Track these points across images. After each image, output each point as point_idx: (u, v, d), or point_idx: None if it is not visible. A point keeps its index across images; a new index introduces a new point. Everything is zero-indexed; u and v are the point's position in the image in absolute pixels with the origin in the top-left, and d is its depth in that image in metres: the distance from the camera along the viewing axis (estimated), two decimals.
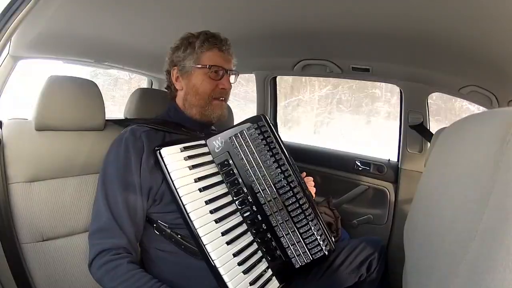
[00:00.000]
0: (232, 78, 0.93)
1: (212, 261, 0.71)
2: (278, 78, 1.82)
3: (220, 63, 0.88)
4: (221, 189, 0.79)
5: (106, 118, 1.00)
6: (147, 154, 0.78)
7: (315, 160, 1.71)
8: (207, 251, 0.71)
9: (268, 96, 1.80)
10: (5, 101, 1.21)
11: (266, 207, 0.79)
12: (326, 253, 0.80)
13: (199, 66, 0.87)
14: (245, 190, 0.79)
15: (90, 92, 0.96)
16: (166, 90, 0.97)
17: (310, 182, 0.95)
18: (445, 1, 0.77)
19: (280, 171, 0.80)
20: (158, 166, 0.76)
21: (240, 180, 0.80)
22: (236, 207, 0.79)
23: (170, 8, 1.05)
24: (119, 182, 0.75)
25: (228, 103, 0.96)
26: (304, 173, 0.96)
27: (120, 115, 1.25)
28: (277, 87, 1.84)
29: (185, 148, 0.77)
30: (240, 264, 0.74)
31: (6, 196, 0.80)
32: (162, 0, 1.00)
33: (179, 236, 0.78)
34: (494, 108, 1.15)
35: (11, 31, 0.64)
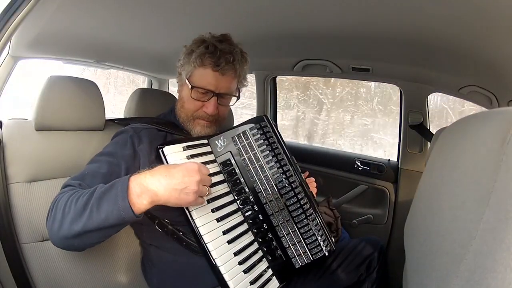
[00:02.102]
0: (233, 99, 0.89)
1: (213, 260, 0.71)
2: None
3: (208, 85, 0.81)
4: (223, 188, 0.79)
5: (106, 118, 1.00)
6: (147, 150, 0.78)
7: (315, 160, 1.71)
8: (208, 250, 0.71)
9: (268, 96, 1.80)
10: (5, 101, 1.21)
11: (268, 207, 0.79)
12: (326, 253, 0.80)
13: (188, 81, 0.84)
14: (246, 189, 0.80)
15: (90, 92, 0.96)
16: (166, 90, 0.97)
17: (312, 183, 0.96)
18: (445, 2, 0.77)
19: (282, 171, 0.80)
20: (160, 164, 0.76)
21: (242, 179, 0.80)
22: (237, 207, 0.79)
23: (169, 8, 1.05)
24: (110, 153, 0.76)
25: None
26: (307, 173, 0.96)
27: None
28: None
29: (188, 147, 0.77)
30: (240, 263, 0.74)
31: (6, 196, 0.80)
32: (162, 1, 1.00)
33: (181, 233, 0.79)
34: (494, 108, 1.15)
35: (11, 31, 0.64)
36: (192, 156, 0.78)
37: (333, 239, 0.86)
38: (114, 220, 0.60)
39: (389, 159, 1.57)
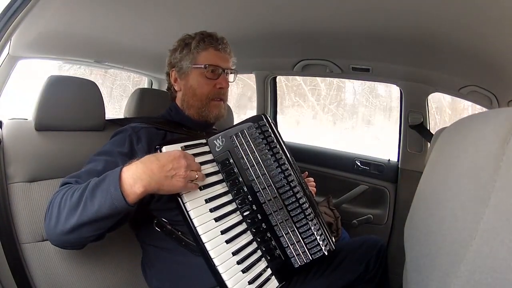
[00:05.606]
0: (231, 77, 0.94)
1: (211, 259, 0.71)
2: None
3: (216, 62, 0.89)
4: (221, 188, 0.79)
5: (106, 118, 1.00)
6: (145, 149, 0.78)
7: (315, 160, 1.71)
8: (206, 249, 0.71)
9: (268, 96, 1.80)
10: (5, 101, 1.21)
11: (266, 206, 0.79)
12: (326, 253, 0.80)
13: (195, 66, 0.88)
14: (245, 189, 0.79)
15: (90, 92, 0.96)
16: (166, 91, 0.98)
17: (311, 183, 0.95)
18: (445, 2, 0.77)
19: (280, 170, 0.79)
20: None
21: (240, 179, 0.79)
22: (236, 206, 0.79)
23: (170, 8, 1.05)
24: (107, 152, 0.77)
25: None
26: (306, 173, 0.96)
27: None
28: None
29: (186, 147, 0.77)
30: (239, 263, 0.73)
31: (6, 196, 0.80)
32: (162, 1, 1.00)
33: (179, 232, 0.79)
34: (494, 108, 1.15)
35: (11, 31, 0.64)
36: None
37: (333, 238, 0.86)
38: (106, 209, 0.60)
39: (389, 159, 1.57)
